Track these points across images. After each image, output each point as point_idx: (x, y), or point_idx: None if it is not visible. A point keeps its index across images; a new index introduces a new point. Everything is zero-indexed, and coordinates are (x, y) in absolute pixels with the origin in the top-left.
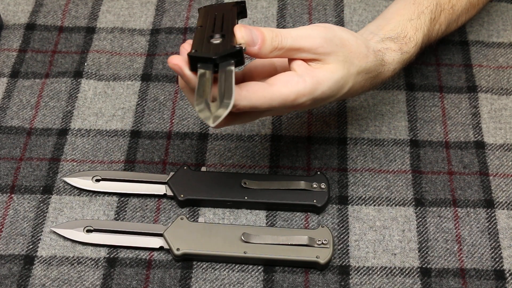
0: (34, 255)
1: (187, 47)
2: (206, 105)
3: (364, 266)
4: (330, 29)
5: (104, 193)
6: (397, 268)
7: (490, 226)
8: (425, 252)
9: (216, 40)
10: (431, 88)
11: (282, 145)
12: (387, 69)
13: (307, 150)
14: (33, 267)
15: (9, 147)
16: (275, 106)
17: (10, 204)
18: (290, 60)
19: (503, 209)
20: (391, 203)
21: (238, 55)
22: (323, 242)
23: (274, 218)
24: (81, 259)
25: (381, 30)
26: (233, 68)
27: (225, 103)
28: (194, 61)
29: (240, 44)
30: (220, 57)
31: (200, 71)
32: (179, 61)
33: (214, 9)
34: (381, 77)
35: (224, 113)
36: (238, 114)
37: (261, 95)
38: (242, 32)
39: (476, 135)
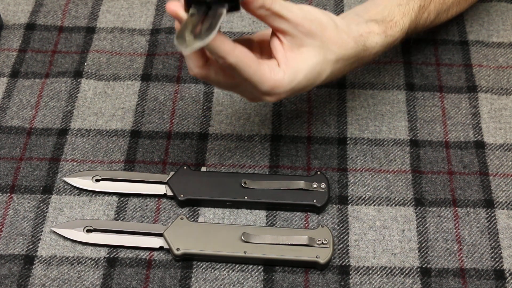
0: (34, 255)
1: None
2: (184, 36)
3: (364, 266)
4: (312, 12)
5: (104, 193)
6: (397, 268)
7: (490, 226)
8: (425, 252)
9: None
10: (431, 88)
11: (282, 145)
12: (368, 54)
13: (307, 150)
14: (33, 267)
15: (9, 147)
16: (253, 81)
17: (10, 204)
18: (272, 35)
19: (503, 209)
20: (391, 203)
21: None
22: (323, 242)
23: (274, 218)
24: (81, 259)
25: (367, 13)
26: (224, 11)
27: (202, 36)
28: (188, 3)
29: None
30: None
31: (192, 11)
32: (176, 6)
33: None
34: (363, 62)
35: (198, 44)
36: (219, 72)
37: (249, 64)
38: None
39: (476, 135)
